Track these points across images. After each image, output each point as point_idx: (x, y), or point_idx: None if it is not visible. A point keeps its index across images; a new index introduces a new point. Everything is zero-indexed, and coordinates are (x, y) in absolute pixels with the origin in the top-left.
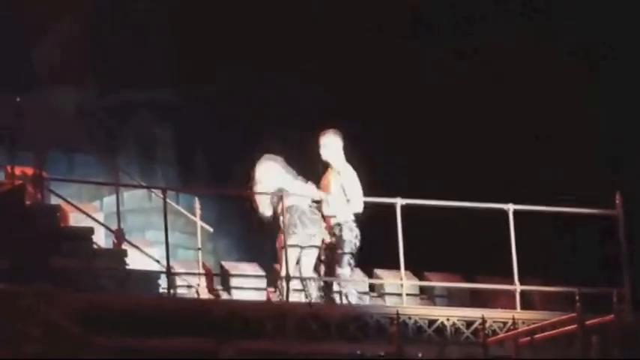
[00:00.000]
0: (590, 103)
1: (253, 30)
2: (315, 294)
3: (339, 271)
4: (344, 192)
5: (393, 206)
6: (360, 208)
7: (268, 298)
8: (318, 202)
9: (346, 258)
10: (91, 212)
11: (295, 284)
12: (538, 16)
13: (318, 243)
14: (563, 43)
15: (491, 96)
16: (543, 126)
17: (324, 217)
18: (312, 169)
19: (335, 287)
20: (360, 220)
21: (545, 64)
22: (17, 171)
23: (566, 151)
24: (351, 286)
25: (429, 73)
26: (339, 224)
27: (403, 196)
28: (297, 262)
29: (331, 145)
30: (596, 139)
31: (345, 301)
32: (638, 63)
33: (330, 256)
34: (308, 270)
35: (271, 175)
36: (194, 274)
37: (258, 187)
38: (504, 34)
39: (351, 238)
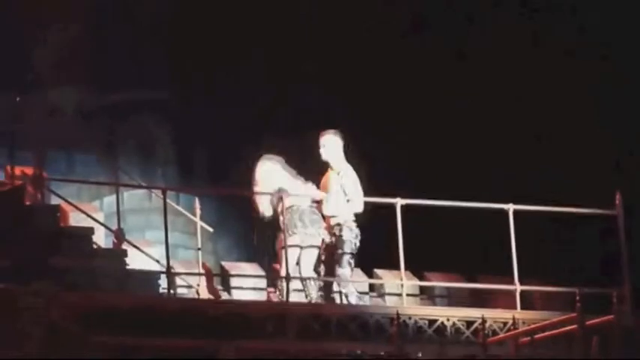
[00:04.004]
0: (590, 103)
1: (253, 30)
2: (314, 294)
3: (339, 271)
4: (344, 192)
5: (393, 206)
6: (360, 208)
7: (269, 298)
8: (318, 202)
9: (346, 258)
10: (91, 212)
11: (295, 284)
12: (538, 16)
13: (318, 243)
14: (563, 43)
15: (491, 96)
16: (543, 126)
17: (324, 217)
18: (312, 169)
19: (335, 287)
20: (359, 220)
21: (545, 64)
22: (17, 171)
23: (567, 150)
24: (352, 286)
25: (428, 72)
26: (339, 224)
27: (403, 196)
28: (297, 263)
29: (331, 145)
30: (597, 138)
31: (345, 301)
32: (638, 63)
33: (330, 256)
34: (308, 270)
35: (271, 175)
36: (194, 274)
37: (258, 188)
38: (504, 34)
39: (351, 238)
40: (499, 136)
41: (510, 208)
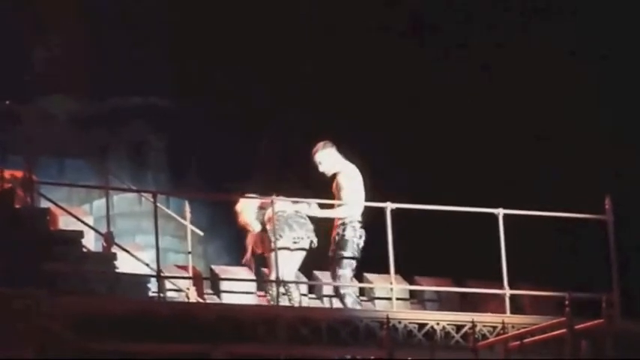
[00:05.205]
0: (589, 105)
1: (249, 36)
2: (297, 297)
3: (339, 272)
4: (340, 194)
5: (382, 210)
6: (343, 214)
7: (267, 302)
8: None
9: (346, 259)
10: (81, 216)
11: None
12: (538, 16)
13: (306, 246)
14: (563, 43)
15: (483, 100)
16: (537, 129)
17: (311, 220)
18: (312, 174)
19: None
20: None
21: (543, 66)
22: (7, 174)
23: (560, 154)
24: (350, 289)
25: (424, 75)
26: (343, 223)
27: (393, 200)
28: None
29: (325, 160)
30: (591, 142)
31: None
32: (637, 63)
33: (333, 256)
34: (290, 273)
35: (250, 202)
36: (184, 277)
37: (242, 217)
38: (504, 33)
39: (354, 238)
40: (492, 140)
41: (500, 212)
